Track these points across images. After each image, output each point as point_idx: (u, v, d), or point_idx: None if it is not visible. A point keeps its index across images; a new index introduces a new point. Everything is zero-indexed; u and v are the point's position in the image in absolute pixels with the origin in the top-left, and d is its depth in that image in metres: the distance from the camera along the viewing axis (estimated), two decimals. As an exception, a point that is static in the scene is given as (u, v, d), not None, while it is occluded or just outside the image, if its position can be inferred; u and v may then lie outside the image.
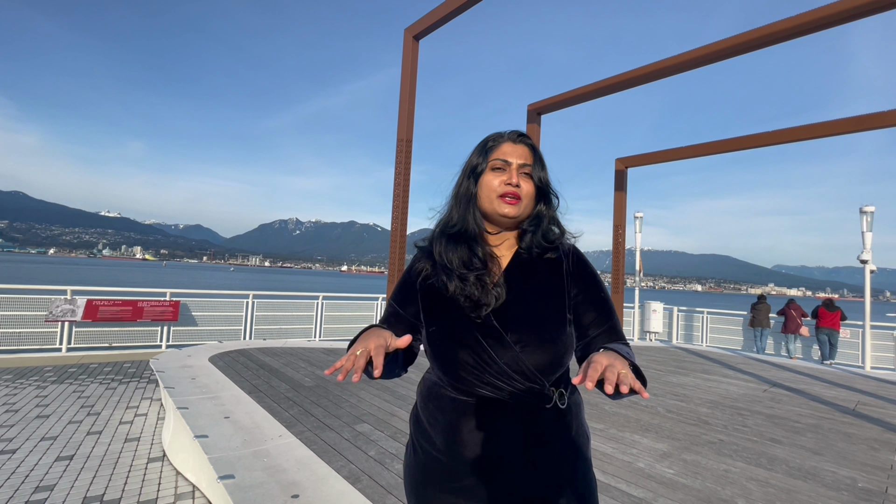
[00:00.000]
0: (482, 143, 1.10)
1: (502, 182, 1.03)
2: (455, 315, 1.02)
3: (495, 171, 1.04)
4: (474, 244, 1.05)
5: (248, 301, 8.38)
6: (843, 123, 6.95)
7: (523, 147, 1.06)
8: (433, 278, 1.07)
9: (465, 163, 1.11)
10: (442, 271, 1.05)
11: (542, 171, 1.07)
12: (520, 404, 0.98)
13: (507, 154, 1.04)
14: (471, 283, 1.01)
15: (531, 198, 1.05)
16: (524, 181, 1.04)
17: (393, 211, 6.86)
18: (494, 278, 1.04)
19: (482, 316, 0.99)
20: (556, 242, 1.08)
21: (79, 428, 3.93)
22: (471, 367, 0.99)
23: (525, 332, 0.98)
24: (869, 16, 4.73)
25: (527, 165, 1.05)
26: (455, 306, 1.02)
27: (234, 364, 5.43)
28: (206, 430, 3.14)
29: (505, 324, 0.99)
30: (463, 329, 1.00)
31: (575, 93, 7.40)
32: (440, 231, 1.10)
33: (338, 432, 3.36)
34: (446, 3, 5.97)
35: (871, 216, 9.86)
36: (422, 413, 1.10)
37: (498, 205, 1.03)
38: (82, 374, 5.82)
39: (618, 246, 9.51)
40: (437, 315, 1.05)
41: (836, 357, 9.64)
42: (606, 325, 1.04)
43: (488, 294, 1.00)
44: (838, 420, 4.49)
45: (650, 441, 3.55)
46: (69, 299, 6.86)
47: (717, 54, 5.77)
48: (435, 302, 1.06)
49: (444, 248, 1.06)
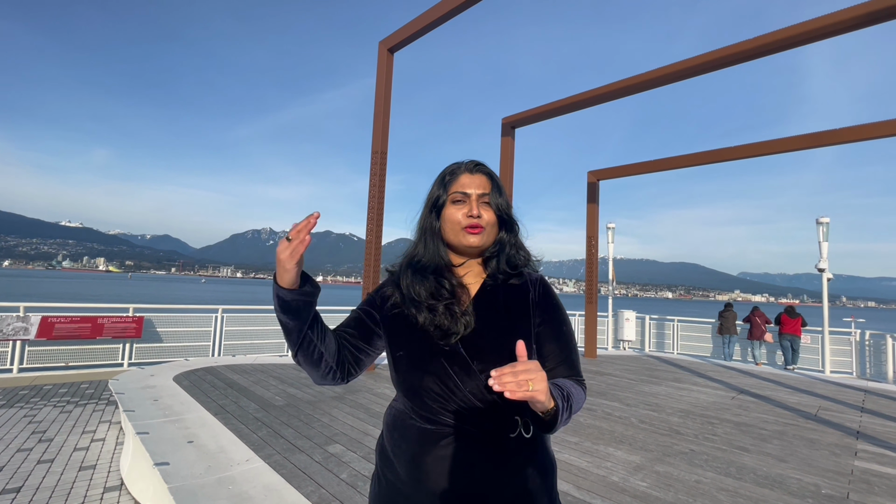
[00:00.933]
0: (441, 175, 1.12)
1: (464, 214, 1.05)
2: (422, 342, 1.02)
3: (456, 203, 1.07)
4: (441, 275, 1.07)
5: (218, 315, 8.09)
6: (800, 140, 7.32)
7: (480, 176, 1.08)
8: (401, 307, 1.07)
9: (427, 196, 1.13)
10: (410, 304, 1.05)
11: (499, 197, 1.08)
12: (484, 433, 0.98)
13: (466, 185, 1.07)
14: (440, 313, 1.02)
15: (493, 225, 1.07)
16: (484, 210, 1.06)
17: (368, 223, 6.79)
18: (463, 306, 1.04)
19: (450, 343, 1.00)
20: (520, 268, 1.10)
21: (28, 456, 3.67)
22: (436, 394, 0.98)
23: (491, 361, 0.97)
24: (820, 40, 5.01)
25: (485, 195, 1.07)
26: (422, 333, 1.02)
27: (200, 383, 5.21)
28: (167, 457, 2.98)
29: (472, 352, 1.00)
30: (429, 356, 1.00)
31: (548, 107, 7.54)
32: (407, 263, 1.11)
33: (308, 454, 3.24)
34: (421, 18, 6.01)
35: (827, 227, 10.41)
36: (387, 443, 1.09)
37: (462, 236, 1.05)
38: (34, 396, 5.48)
39: (591, 257, 9.68)
40: (403, 341, 1.05)
41: (798, 362, 10.02)
42: (563, 358, 1.06)
43: (458, 322, 1.01)
44: (802, 426, 4.64)
45: (624, 453, 3.57)
46: (21, 316, 6.47)
47: (683, 73, 6.00)
48: (402, 328, 1.06)
49: (411, 280, 1.07)
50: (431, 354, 1.00)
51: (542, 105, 7.64)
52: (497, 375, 0.76)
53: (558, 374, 1.04)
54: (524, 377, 0.77)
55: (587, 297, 9.67)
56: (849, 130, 6.93)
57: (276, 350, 8.63)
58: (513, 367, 0.78)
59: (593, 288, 9.71)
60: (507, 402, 0.96)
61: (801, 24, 5.01)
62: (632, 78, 6.46)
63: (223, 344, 8.09)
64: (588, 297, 9.65)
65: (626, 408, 5.04)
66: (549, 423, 0.87)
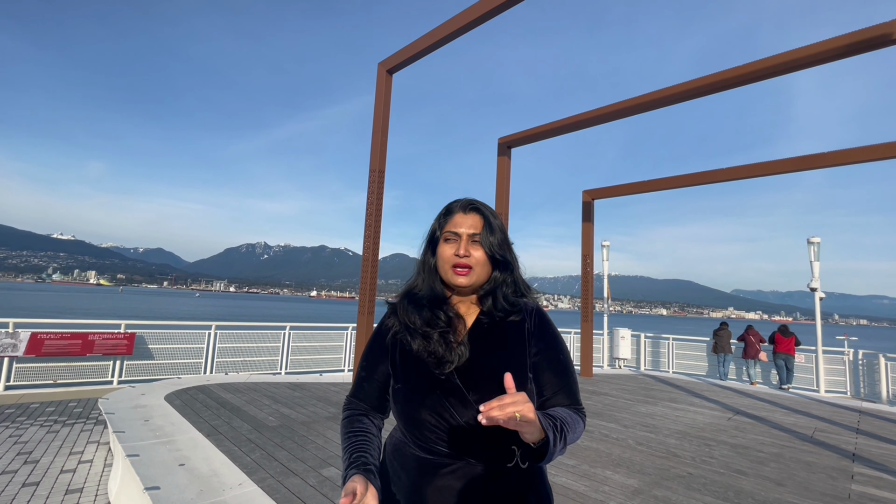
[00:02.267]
0: (440, 212, 1.16)
1: (453, 253, 1.07)
2: (419, 374, 1.04)
3: (448, 241, 1.10)
4: (437, 307, 1.09)
5: (211, 332, 8.00)
6: (788, 163, 7.48)
7: (473, 216, 1.10)
8: (400, 334, 1.11)
9: (429, 228, 1.17)
10: (406, 331, 1.09)
11: (492, 236, 1.09)
12: (482, 463, 0.99)
13: (458, 225, 1.09)
14: (434, 340, 1.04)
15: (483, 264, 1.08)
16: (475, 249, 1.08)
17: (365, 240, 6.81)
18: (459, 337, 1.06)
19: (445, 373, 1.01)
20: (516, 305, 1.11)
21: (13, 479, 3.58)
22: (432, 425, 1.00)
23: (487, 392, 0.98)
24: (806, 68, 5.17)
25: (476, 234, 1.08)
26: (420, 365, 1.04)
27: (192, 402, 5.13)
28: (157, 481, 2.92)
29: (467, 383, 1.01)
30: (426, 388, 1.02)
31: (544, 128, 7.67)
32: (405, 295, 1.15)
33: (303, 478, 3.19)
34: (419, 41, 6.14)
35: (818, 246, 10.56)
36: (387, 471, 1.10)
37: (451, 276, 1.08)
38: (21, 415, 5.35)
39: (586, 275, 9.72)
40: (402, 373, 1.08)
41: (792, 381, 10.04)
42: (561, 387, 1.06)
43: (452, 352, 1.03)
44: (798, 448, 4.63)
45: (622, 477, 3.54)
46: (11, 332, 6.36)
47: (676, 97, 6.15)
48: (401, 359, 1.09)
49: (407, 309, 1.11)
50: (428, 387, 1.01)
51: (538, 126, 7.77)
52: (485, 411, 0.79)
53: (556, 402, 1.05)
54: (511, 409, 0.79)
55: (583, 315, 9.69)
56: (835, 154, 7.08)
57: (268, 368, 8.52)
58: (500, 401, 0.80)
59: (589, 307, 9.73)
60: (504, 431, 0.97)
61: (788, 53, 5.17)
62: (625, 101, 6.60)
63: (216, 361, 7.99)
64: (584, 316, 9.66)
65: (623, 429, 5.01)
66: (539, 452, 0.89)
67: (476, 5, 5.51)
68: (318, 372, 8.88)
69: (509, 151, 8.27)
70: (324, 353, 9.23)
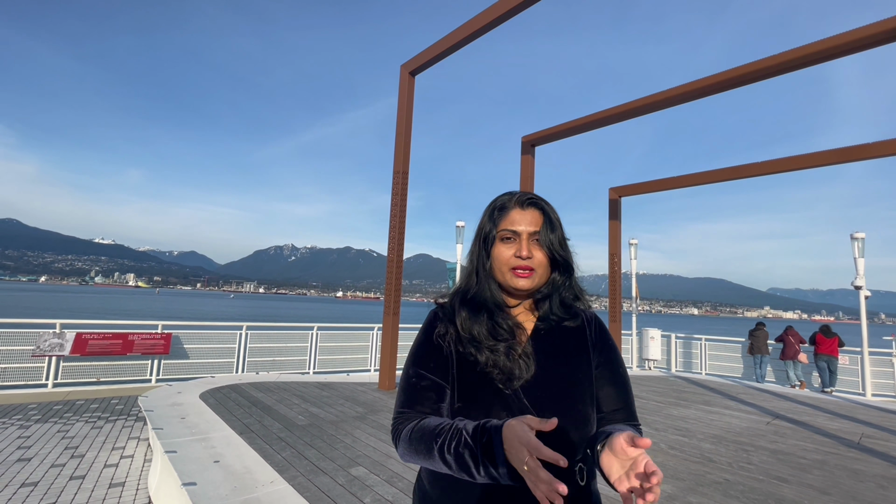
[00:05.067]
0: (490, 206, 1.05)
1: (513, 254, 0.98)
2: (484, 391, 0.96)
3: (505, 241, 0.99)
4: (496, 314, 1.00)
5: (242, 333, 8.25)
6: (829, 155, 7.12)
7: (532, 212, 1.00)
8: (461, 346, 1.00)
9: (478, 226, 1.07)
10: (469, 343, 0.99)
11: (552, 234, 0.99)
12: None
13: (516, 223, 0.99)
14: (501, 353, 0.96)
15: (545, 267, 0.99)
16: (536, 250, 0.98)
17: (389, 241, 6.87)
18: (521, 347, 0.99)
19: (513, 389, 0.94)
20: (572, 310, 1.04)
21: (61, 472, 3.77)
22: None
23: (556, 412, 0.92)
24: (848, 55, 4.91)
25: (536, 233, 0.99)
26: (484, 380, 0.96)
27: (225, 401, 5.29)
28: (194, 477, 3.02)
29: (535, 402, 0.94)
30: (493, 407, 0.94)
31: (568, 125, 7.56)
32: (460, 301, 1.04)
33: (332, 477, 3.24)
34: (441, 42, 6.15)
35: (863, 242, 9.98)
36: (430, 490, 0.99)
37: (511, 278, 0.98)
38: (68, 411, 5.64)
39: (614, 275, 9.52)
40: (465, 389, 0.98)
41: (836, 384, 9.55)
42: (623, 403, 1.01)
43: (518, 365, 0.96)
44: (844, 455, 4.40)
45: (654, 482, 3.44)
46: (58, 333, 6.72)
47: (706, 89, 5.94)
48: (462, 373, 0.99)
49: (467, 319, 1.00)
50: (496, 406, 0.94)
51: (562, 123, 7.66)
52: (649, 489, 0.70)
53: (616, 419, 1.00)
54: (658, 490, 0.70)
55: (611, 315, 9.49)
56: (880, 145, 6.70)
57: (297, 367, 8.71)
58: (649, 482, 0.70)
59: (617, 306, 9.52)
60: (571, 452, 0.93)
61: (828, 39, 4.92)
62: (653, 95, 6.43)
63: (247, 361, 8.22)
64: (612, 316, 9.46)
65: (655, 433, 4.87)
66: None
67: (497, 4, 5.47)
68: (346, 372, 9.01)
69: (533, 150, 8.18)
70: (350, 353, 9.37)
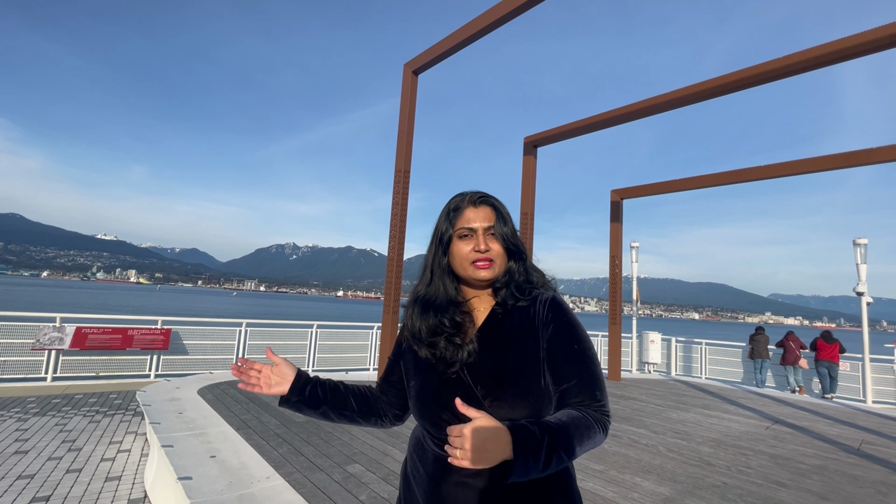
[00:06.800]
0: (445, 209, 1.13)
1: (472, 249, 1.05)
2: (429, 372, 1.06)
3: (463, 238, 1.07)
4: (445, 311, 1.08)
5: (241, 329, 8.24)
6: (833, 159, 7.09)
7: (485, 208, 1.08)
8: (409, 342, 1.14)
9: (434, 229, 1.14)
10: (413, 340, 1.11)
11: (504, 227, 1.08)
12: None
13: (471, 220, 1.07)
14: (441, 347, 1.05)
15: (502, 257, 1.07)
16: (492, 242, 1.06)
17: (390, 240, 6.86)
18: (467, 338, 1.06)
19: (455, 372, 1.02)
20: (531, 293, 1.07)
21: (58, 465, 3.77)
22: (444, 422, 0.99)
23: (495, 387, 0.98)
24: (854, 59, 4.89)
25: (491, 227, 1.07)
26: (428, 364, 1.07)
27: (223, 397, 5.28)
28: (190, 471, 3.01)
29: (476, 379, 1.00)
30: (436, 385, 1.04)
31: (571, 126, 7.54)
32: (412, 299, 1.14)
33: (328, 473, 3.23)
34: (445, 41, 6.15)
35: (865, 248, 9.94)
36: (408, 467, 1.12)
37: (473, 271, 1.06)
38: (66, 405, 5.65)
39: (615, 277, 9.50)
40: (412, 372, 1.11)
41: (836, 390, 9.51)
42: (574, 379, 0.97)
43: (458, 352, 1.03)
44: (843, 461, 4.37)
45: (652, 484, 3.43)
46: (58, 326, 6.73)
47: (710, 92, 5.93)
48: (413, 360, 1.12)
49: (414, 316, 1.11)
50: (438, 384, 1.03)
51: (565, 124, 7.65)
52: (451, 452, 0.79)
53: (569, 397, 0.96)
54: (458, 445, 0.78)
55: (611, 317, 9.46)
56: (883, 150, 6.67)
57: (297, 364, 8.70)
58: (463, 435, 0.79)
59: (617, 308, 9.50)
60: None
61: (832, 43, 4.90)
62: (657, 97, 6.41)
63: (246, 358, 8.20)
64: (612, 318, 9.43)
65: (653, 435, 4.85)
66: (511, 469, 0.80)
67: (500, 4, 5.46)
68: (345, 370, 9.00)
69: (535, 151, 8.17)
70: (350, 352, 9.36)
